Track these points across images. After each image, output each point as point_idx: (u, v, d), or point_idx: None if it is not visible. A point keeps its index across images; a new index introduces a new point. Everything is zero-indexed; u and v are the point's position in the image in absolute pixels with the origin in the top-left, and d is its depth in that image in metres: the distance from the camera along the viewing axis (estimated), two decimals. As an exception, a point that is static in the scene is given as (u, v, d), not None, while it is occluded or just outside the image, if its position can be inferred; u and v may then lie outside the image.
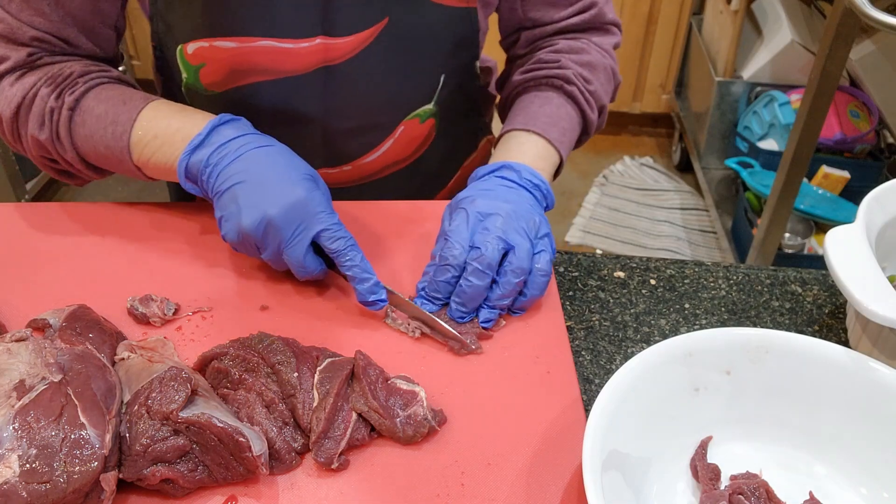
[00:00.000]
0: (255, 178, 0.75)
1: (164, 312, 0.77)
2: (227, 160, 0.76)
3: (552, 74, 0.95)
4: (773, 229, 2.00)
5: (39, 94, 0.82)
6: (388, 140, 0.97)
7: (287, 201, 0.73)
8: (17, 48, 0.82)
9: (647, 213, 2.74)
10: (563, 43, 0.97)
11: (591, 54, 0.97)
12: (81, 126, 0.82)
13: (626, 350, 0.79)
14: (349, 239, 0.76)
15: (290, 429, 0.66)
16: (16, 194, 2.43)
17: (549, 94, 0.95)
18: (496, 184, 0.83)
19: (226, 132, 0.78)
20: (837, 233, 0.73)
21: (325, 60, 0.87)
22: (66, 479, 0.58)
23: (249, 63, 0.86)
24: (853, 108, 2.36)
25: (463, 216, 0.78)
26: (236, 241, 0.76)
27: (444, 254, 0.77)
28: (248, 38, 0.84)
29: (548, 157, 0.90)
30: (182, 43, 0.86)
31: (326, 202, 0.77)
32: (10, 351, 0.66)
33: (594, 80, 0.96)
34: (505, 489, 0.64)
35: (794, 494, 0.64)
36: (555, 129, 0.91)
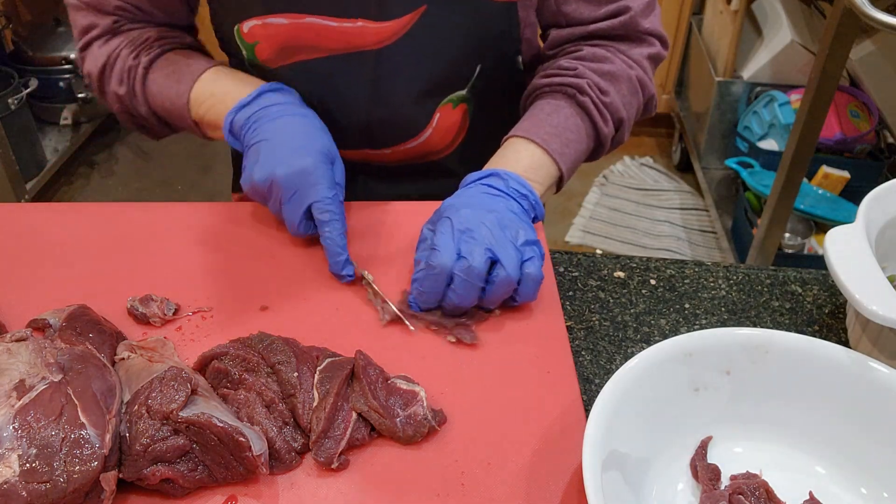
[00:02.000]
0: (277, 140, 0.83)
1: (164, 312, 0.77)
2: (263, 120, 0.85)
3: (567, 83, 0.93)
4: (773, 229, 2.00)
5: (121, 55, 0.93)
6: (427, 128, 0.99)
7: (293, 167, 0.80)
8: (103, 16, 0.94)
9: (647, 213, 2.74)
10: (587, 50, 0.95)
11: (615, 64, 0.94)
12: (153, 83, 0.93)
13: (626, 350, 0.79)
14: (335, 213, 0.81)
15: (290, 429, 0.66)
16: (16, 194, 2.43)
17: (561, 102, 0.93)
18: (481, 191, 0.83)
19: (271, 97, 0.87)
20: (837, 233, 0.73)
21: (363, 45, 0.90)
22: (66, 479, 0.58)
23: (298, 39, 0.91)
24: (853, 108, 2.35)
25: (447, 226, 0.77)
26: (247, 190, 0.84)
27: (432, 261, 0.75)
28: (297, 14, 0.89)
29: (543, 169, 0.89)
30: (238, 22, 0.91)
31: (329, 177, 0.82)
32: (10, 351, 0.66)
33: (612, 92, 0.94)
34: (505, 489, 0.64)
35: (794, 494, 0.64)
36: (556, 141, 0.90)
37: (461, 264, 0.74)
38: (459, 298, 0.76)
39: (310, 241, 0.88)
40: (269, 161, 0.81)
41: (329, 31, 0.89)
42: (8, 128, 2.40)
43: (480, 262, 0.74)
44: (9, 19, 2.70)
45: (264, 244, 0.88)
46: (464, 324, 0.78)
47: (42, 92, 2.63)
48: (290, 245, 0.88)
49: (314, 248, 0.87)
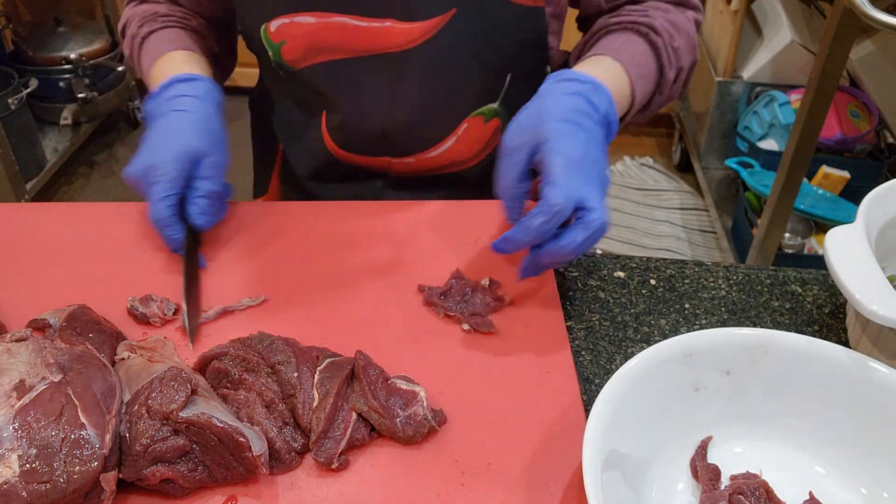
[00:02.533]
0: (160, 132, 0.85)
1: (164, 312, 0.77)
2: (152, 115, 0.88)
3: (640, 21, 0.90)
4: (773, 229, 2.00)
5: (132, 23, 1.00)
6: (450, 137, 0.99)
7: (157, 158, 0.83)
8: None
9: (647, 213, 2.74)
10: (650, 2, 0.94)
11: (678, 16, 0.93)
12: (145, 55, 0.97)
13: (626, 350, 0.79)
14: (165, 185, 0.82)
15: (290, 429, 0.66)
16: (16, 194, 2.43)
17: (633, 37, 0.89)
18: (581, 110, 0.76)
19: (172, 89, 0.89)
20: (837, 233, 0.73)
21: (390, 46, 0.90)
22: (66, 479, 0.58)
23: (325, 39, 0.91)
24: (853, 108, 2.35)
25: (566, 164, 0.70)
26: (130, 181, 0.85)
27: (557, 202, 0.69)
28: (326, 13, 0.89)
29: (623, 91, 0.85)
30: (265, 21, 0.92)
31: (175, 173, 0.82)
32: (10, 351, 0.66)
33: (678, 39, 0.91)
34: (505, 489, 0.64)
35: (794, 494, 0.64)
36: (635, 70, 0.87)
37: (590, 218, 0.70)
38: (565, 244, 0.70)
39: (309, 241, 0.88)
40: (141, 154, 0.84)
41: (356, 30, 0.89)
42: (8, 128, 2.40)
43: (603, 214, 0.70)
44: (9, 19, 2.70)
45: (264, 243, 0.88)
46: (479, 313, 0.78)
47: (42, 92, 2.63)
48: (290, 245, 0.88)
49: (314, 248, 0.87)
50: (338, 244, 0.88)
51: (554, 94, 0.77)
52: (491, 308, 0.80)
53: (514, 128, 0.77)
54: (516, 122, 0.77)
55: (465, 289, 0.81)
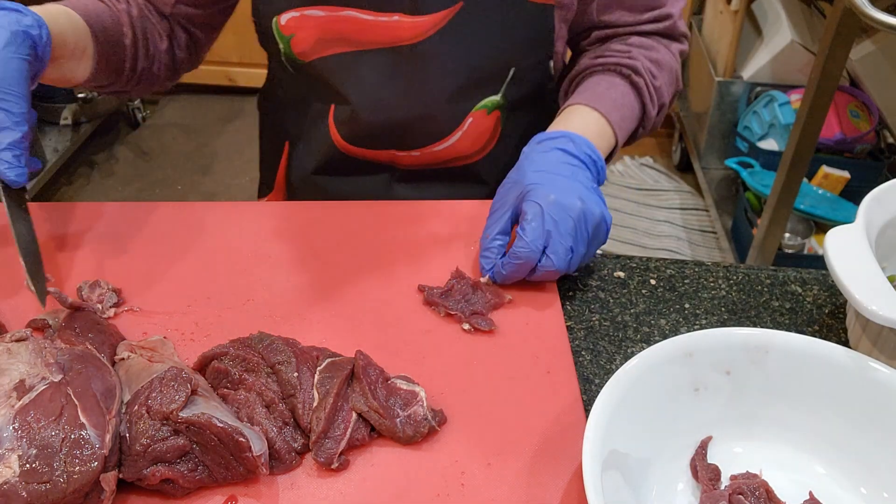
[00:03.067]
0: None
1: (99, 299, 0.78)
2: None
3: (622, 63, 0.96)
4: (773, 229, 1.99)
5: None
6: (457, 131, 0.99)
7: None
8: None
9: (647, 213, 2.74)
10: (635, 39, 0.99)
11: (661, 53, 0.99)
12: None
13: (626, 350, 0.79)
14: None
15: (290, 429, 0.66)
16: (16, 194, 2.43)
17: (616, 80, 0.96)
18: (559, 159, 0.84)
19: None
20: (837, 233, 0.73)
21: (398, 40, 0.91)
22: (66, 479, 0.58)
23: (334, 32, 0.92)
24: (853, 108, 2.35)
25: (538, 214, 0.79)
26: None
27: (520, 253, 0.78)
28: (335, 6, 0.91)
29: (605, 137, 0.92)
30: (277, 14, 0.93)
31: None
32: (10, 351, 0.66)
33: (660, 77, 0.98)
34: (505, 489, 0.64)
35: (794, 494, 0.64)
36: (616, 113, 0.93)
37: (546, 263, 0.79)
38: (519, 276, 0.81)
39: (309, 241, 0.88)
40: None
41: (365, 24, 0.91)
42: (8, 128, 2.40)
43: (563, 263, 0.79)
44: (9, 19, 2.69)
45: (264, 244, 0.88)
46: (479, 312, 0.78)
47: (42, 92, 2.63)
48: (290, 245, 0.88)
49: (314, 248, 0.87)
50: (338, 244, 0.88)
51: (532, 156, 0.85)
52: (491, 305, 0.80)
53: (500, 189, 0.85)
54: (503, 184, 0.85)
55: (465, 288, 0.81)
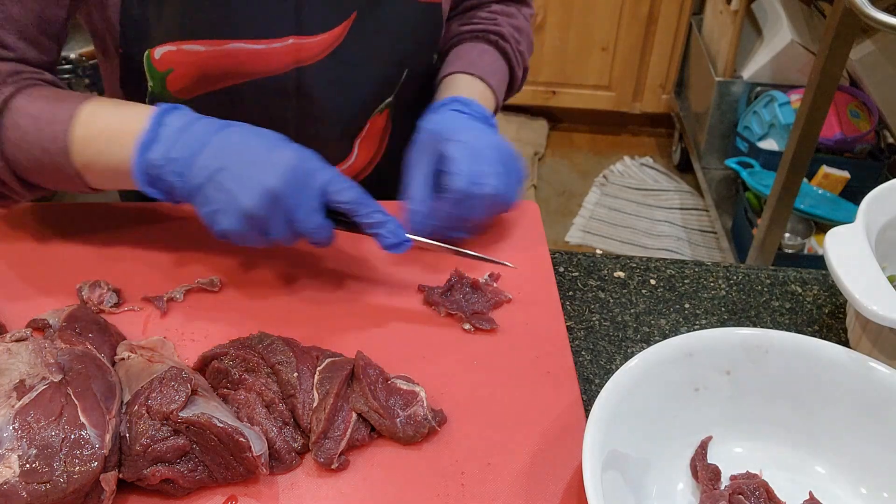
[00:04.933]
0: (235, 160, 0.70)
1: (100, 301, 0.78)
2: (192, 151, 0.70)
3: (489, 30, 1.00)
4: (773, 229, 2.00)
5: None
6: (354, 147, 0.98)
7: (282, 167, 0.69)
8: None
9: (647, 213, 2.74)
10: (497, 6, 1.04)
11: (520, 20, 1.04)
12: (13, 129, 0.73)
13: (626, 350, 0.79)
14: (357, 187, 0.73)
15: (290, 429, 0.66)
16: (16, 194, 2.43)
17: (485, 46, 0.99)
18: (458, 117, 0.87)
19: (174, 122, 0.72)
20: (837, 233, 0.73)
21: (298, 61, 0.87)
22: (66, 479, 0.58)
23: (219, 67, 0.83)
24: (853, 108, 2.35)
25: (461, 147, 0.81)
26: (238, 229, 0.70)
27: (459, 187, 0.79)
28: (218, 40, 0.81)
29: (489, 100, 0.95)
30: (149, 48, 0.81)
31: (319, 157, 0.73)
32: (11, 351, 0.66)
33: (523, 42, 1.03)
34: (505, 489, 0.64)
35: (794, 494, 0.64)
36: (493, 78, 0.96)
37: (487, 189, 0.79)
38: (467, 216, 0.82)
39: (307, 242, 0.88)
40: (248, 183, 0.69)
41: (255, 54, 0.83)
42: (8, 128, 2.40)
43: (503, 185, 0.81)
44: (9, 19, 2.69)
45: (264, 244, 0.88)
46: (480, 311, 0.78)
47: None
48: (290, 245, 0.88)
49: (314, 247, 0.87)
50: (338, 244, 0.88)
51: (434, 118, 0.87)
52: (491, 305, 0.80)
53: (413, 150, 0.85)
54: (413, 147, 0.85)
55: (465, 288, 0.81)
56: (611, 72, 2.91)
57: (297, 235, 0.73)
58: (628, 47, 2.85)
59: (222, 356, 0.70)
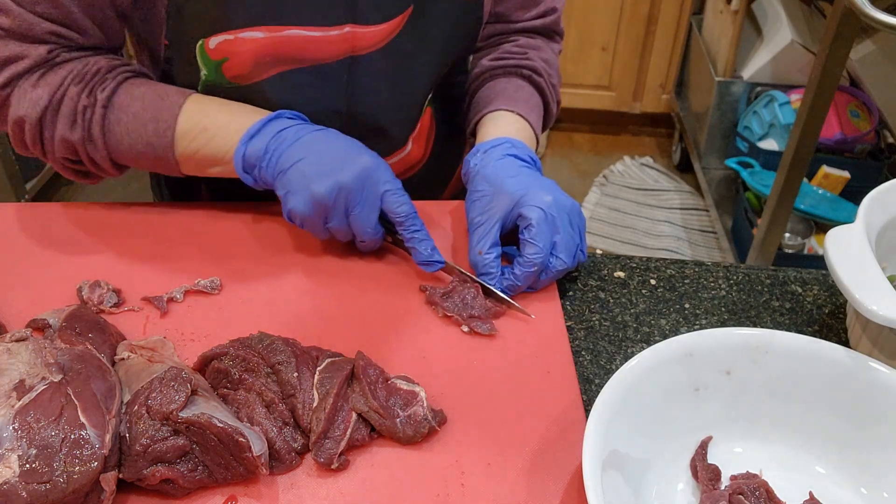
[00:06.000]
0: (318, 154, 0.79)
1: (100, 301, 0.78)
2: (286, 144, 0.80)
3: (522, 65, 0.99)
4: (774, 229, 2.00)
5: (68, 94, 0.80)
6: (409, 141, 0.99)
7: (356, 167, 0.78)
8: (34, 45, 0.79)
9: (647, 213, 2.74)
10: (524, 40, 1.02)
11: (548, 53, 1.03)
12: (117, 124, 0.82)
13: (626, 350, 0.79)
14: (412, 205, 0.81)
15: (290, 429, 0.66)
16: (16, 194, 2.43)
17: (520, 82, 0.99)
18: (516, 165, 0.86)
19: (280, 122, 0.82)
20: (837, 233, 0.73)
21: (353, 49, 0.88)
22: (66, 479, 0.58)
23: (276, 53, 0.85)
24: (853, 108, 2.35)
25: (541, 216, 0.80)
26: (305, 213, 0.78)
27: (536, 260, 0.79)
28: (276, 27, 0.83)
29: (531, 138, 0.95)
30: (203, 38, 0.84)
31: (390, 170, 0.81)
32: (10, 351, 0.66)
33: (554, 76, 1.02)
34: (505, 489, 0.64)
35: (794, 494, 0.64)
36: (532, 115, 0.96)
37: (557, 263, 0.80)
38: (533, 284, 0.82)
39: (309, 241, 0.88)
40: (324, 173, 0.77)
41: (311, 41, 0.85)
42: (8, 128, 2.40)
43: (571, 259, 0.82)
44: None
45: (264, 244, 0.88)
46: (478, 316, 0.78)
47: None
48: (290, 245, 0.88)
49: (314, 247, 0.87)
50: (337, 243, 0.88)
51: (490, 165, 0.86)
52: (491, 313, 0.79)
53: (476, 203, 0.84)
54: (474, 198, 0.85)
55: (466, 292, 0.80)
56: (611, 72, 2.92)
57: (351, 232, 0.81)
58: (628, 47, 2.85)
59: (222, 356, 0.70)
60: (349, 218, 0.79)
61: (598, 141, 3.08)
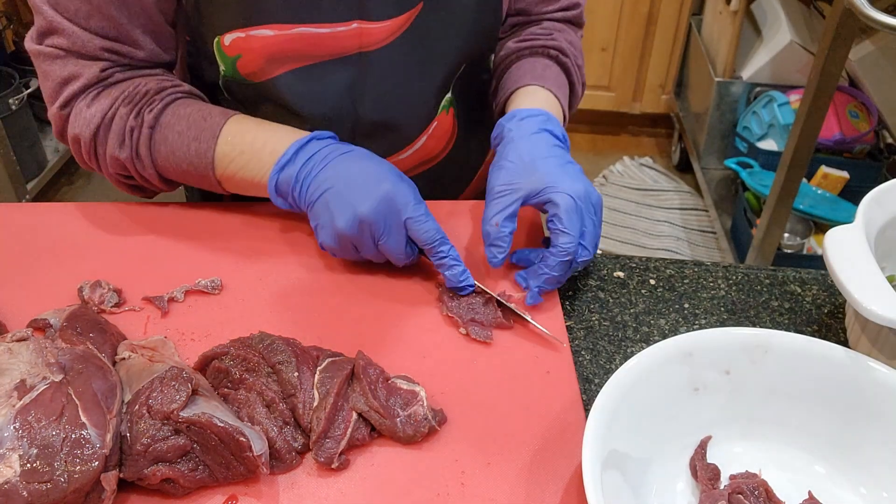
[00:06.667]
0: (342, 183, 0.78)
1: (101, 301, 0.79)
2: (314, 172, 0.80)
3: (547, 45, 0.98)
4: (773, 229, 2.00)
5: (118, 114, 0.83)
6: (422, 136, 0.99)
7: (375, 197, 0.77)
8: (89, 63, 0.83)
9: (647, 213, 2.74)
10: (548, 23, 1.02)
11: (573, 36, 1.03)
12: (162, 143, 0.84)
13: (625, 350, 0.79)
14: (437, 230, 0.79)
15: (291, 428, 0.66)
16: (16, 194, 2.43)
17: (547, 62, 0.98)
18: (550, 143, 0.85)
19: (311, 147, 0.82)
20: (837, 233, 0.73)
21: (361, 46, 0.88)
22: (66, 479, 0.58)
23: (287, 50, 0.86)
24: (852, 108, 2.36)
25: (571, 205, 0.79)
26: (335, 246, 0.80)
27: (569, 248, 0.78)
28: (285, 25, 0.84)
29: (560, 115, 0.94)
30: (219, 35, 0.86)
31: (413, 193, 0.80)
32: (11, 351, 0.66)
33: (579, 57, 1.02)
34: (505, 489, 0.64)
35: (793, 494, 0.65)
36: (560, 91, 0.95)
37: (584, 254, 0.80)
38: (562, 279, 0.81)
39: (309, 241, 0.88)
40: (345, 206, 0.77)
41: (320, 38, 0.86)
42: (9, 128, 2.40)
43: (594, 250, 0.81)
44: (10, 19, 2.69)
45: (264, 244, 0.88)
46: (478, 321, 0.78)
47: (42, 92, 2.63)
48: (290, 244, 0.88)
49: (314, 247, 0.87)
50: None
51: (525, 137, 0.85)
52: (493, 323, 0.79)
53: (500, 171, 0.83)
54: (502, 166, 0.83)
55: (472, 298, 0.80)
56: (610, 72, 2.92)
57: (385, 257, 0.82)
58: (628, 47, 2.85)
59: (223, 356, 0.70)
60: (378, 246, 0.79)
61: (598, 141, 3.08)
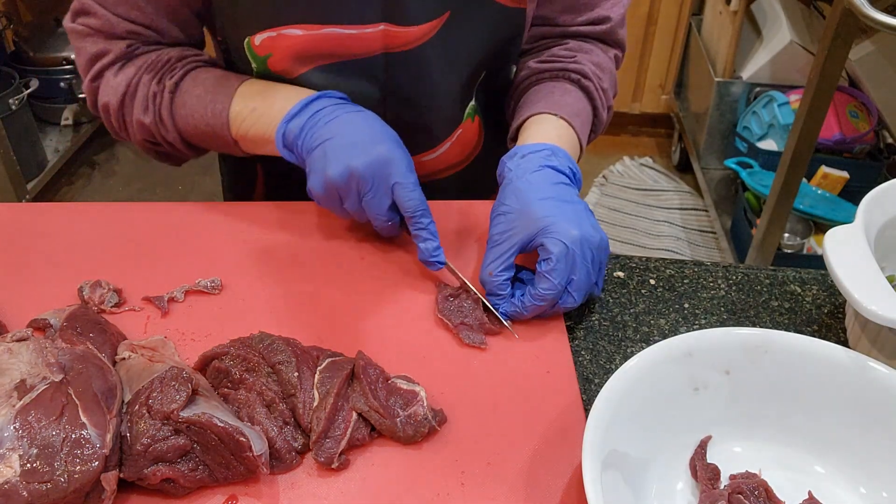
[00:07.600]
0: (342, 136, 0.81)
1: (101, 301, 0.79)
2: (320, 124, 0.82)
3: (569, 68, 0.96)
4: (773, 229, 2.00)
5: (142, 81, 0.89)
6: (447, 141, 0.99)
7: (371, 155, 0.79)
8: (115, 41, 0.89)
9: (647, 213, 2.74)
10: (573, 43, 0.99)
11: (600, 57, 0.99)
12: (182, 107, 0.89)
13: (625, 350, 0.79)
14: (421, 201, 0.80)
15: (291, 428, 0.66)
16: (17, 194, 2.43)
17: (567, 86, 0.96)
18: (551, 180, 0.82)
19: (319, 103, 0.85)
20: (837, 233, 0.73)
21: (386, 47, 0.89)
22: (66, 479, 0.58)
23: (315, 49, 0.88)
24: (852, 108, 2.36)
25: (563, 251, 0.76)
26: (321, 193, 0.81)
27: (546, 293, 0.77)
28: (314, 25, 0.86)
29: (574, 145, 0.92)
30: (249, 35, 0.88)
31: (407, 162, 0.81)
32: (11, 351, 0.66)
33: (605, 80, 0.98)
34: (505, 489, 0.64)
35: (793, 494, 0.65)
36: (577, 119, 0.93)
37: (568, 300, 0.78)
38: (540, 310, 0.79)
39: (310, 240, 0.88)
40: (341, 156, 0.79)
41: (347, 38, 0.87)
42: (9, 128, 2.40)
43: (582, 298, 0.79)
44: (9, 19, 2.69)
45: (264, 244, 0.88)
46: (468, 325, 0.78)
47: (43, 92, 2.63)
48: (291, 244, 0.88)
49: (314, 247, 0.87)
50: (338, 243, 0.88)
51: (524, 176, 0.82)
52: (484, 329, 0.78)
53: (499, 217, 0.82)
54: (500, 212, 0.82)
55: (464, 303, 0.80)
56: (610, 72, 2.92)
57: (366, 215, 0.82)
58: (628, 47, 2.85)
59: (223, 356, 0.70)
60: (362, 202, 0.80)
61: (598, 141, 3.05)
